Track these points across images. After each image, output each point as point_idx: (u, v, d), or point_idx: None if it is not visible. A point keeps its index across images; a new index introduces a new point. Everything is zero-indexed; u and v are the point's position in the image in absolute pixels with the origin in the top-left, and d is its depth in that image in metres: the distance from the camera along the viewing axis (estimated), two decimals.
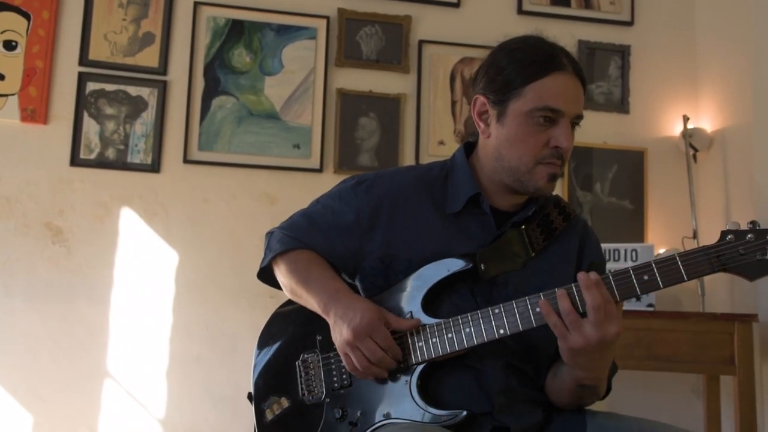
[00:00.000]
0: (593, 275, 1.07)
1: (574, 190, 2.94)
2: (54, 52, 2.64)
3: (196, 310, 2.65)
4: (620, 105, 3.02)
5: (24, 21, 2.60)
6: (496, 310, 1.15)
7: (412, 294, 1.23)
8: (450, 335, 1.17)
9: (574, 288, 1.09)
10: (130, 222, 2.64)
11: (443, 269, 1.22)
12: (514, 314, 1.14)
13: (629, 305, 2.46)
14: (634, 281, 1.08)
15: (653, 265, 1.08)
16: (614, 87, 3.03)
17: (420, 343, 1.19)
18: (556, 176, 1.23)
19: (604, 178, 2.96)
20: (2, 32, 2.57)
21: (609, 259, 2.60)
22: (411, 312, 1.22)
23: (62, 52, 2.65)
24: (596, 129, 2.95)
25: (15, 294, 2.45)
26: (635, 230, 2.94)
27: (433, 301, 1.22)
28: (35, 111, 2.57)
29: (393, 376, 1.21)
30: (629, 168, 2.98)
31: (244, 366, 2.32)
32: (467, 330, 1.16)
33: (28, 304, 2.46)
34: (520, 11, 2.99)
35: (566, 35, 2.79)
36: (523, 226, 1.26)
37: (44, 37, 2.61)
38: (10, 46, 2.58)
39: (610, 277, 1.09)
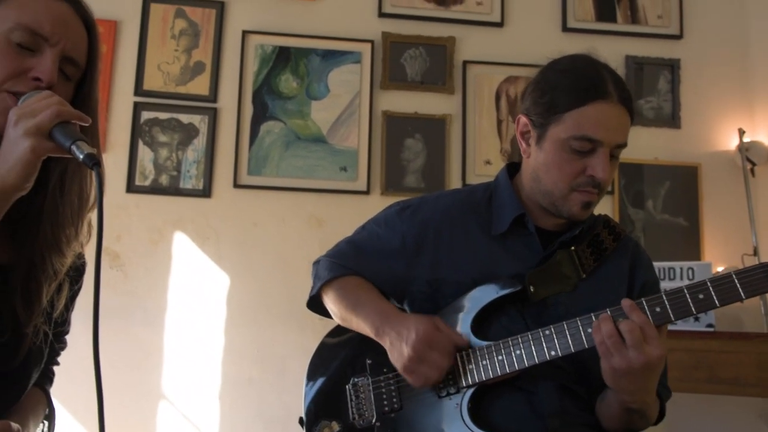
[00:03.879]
0: (626, 301, 1.07)
1: (626, 208, 2.88)
2: (111, 83, 2.74)
3: (247, 332, 2.68)
4: (671, 120, 2.96)
5: None
6: (547, 332, 1.13)
7: (461, 317, 1.22)
8: (500, 357, 1.16)
9: (616, 311, 1.08)
10: (182, 246, 2.70)
11: (492, 291, 1.21)
12: (565, 336, 1.12)
13: (687, 326, 2.38)
14: (689, 300, 1.06)
15: (708, 283, 1.05)
16: (664, 102, 2.97)
17: (470, 366, 1.18)
18: (591, 204, 1.22)
19: (656, 195, 2.89)
20: None
21: (664, 278, 2.53)
22: (463, 337, 1.21)
23: (119, 83, 2.75)
24: (647, 145, 2.89)
25: (75, 317, 2.53)
26: (691, 248, 2.85)
27: (482, 324, 1.22)
28: None
29: (443, 398, 1.20)
30: (682, 184, 2.90)
31: (294, 387, 2.33)
32: (518, 352, 1.15)
33: (88, 327, 2.52)
34: (565, 28, 2.97)
35: (613, 51, 2.76)
36: (573, 247, 1.25)
37: (102, 70, 2.71)
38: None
39: (664, 297, 1.07)
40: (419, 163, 2.84)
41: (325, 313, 1.40)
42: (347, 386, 1.29)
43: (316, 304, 1.40)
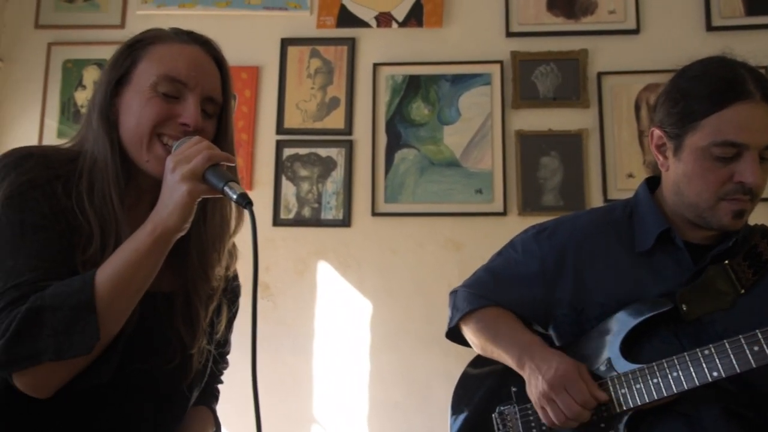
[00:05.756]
0: None
1: None
2: (255, 124, 2.93)
3: (391, 357, 2.72)
4: None
5: (231, 101, 2.93)
6: (706, 352, 1.05)
7: (609, 339, 1.17)
8: (656, 380, 1.09)
9: None
10: (326, 275, 2.81)
11: (641, 312, 1.15)
12: (728, 355, 1.03)
13: None
14: None
15: None
16: None
17: (623, 390, 1.12)
18: (744, 212, 1.12)
19: None
20: None
21: None
22: (609, 358, 1.16)
23: (262, 124, 2.94)
24: None
25: (235, 346, 2.70)
26: None
27: (632, 346, 1.15)
28: (242, 179, 2.86)
29: (596, 426, 1.14)
30: None
31: (439, 412, 2.32)
32: (675, 374, 1.08)
33: (243, 355, 2.68)
34: (710, 28, 2.78)
35: (766, 48, 2.55)
36: (727, 261, 1.15)
37: (247, 113, 2.92)
38: None
39: None
40: (556, 180, 2.76)
41: (463, 343, 1.39)
42: (493, 415, 1.27)
43: (454, 335, 1.40)
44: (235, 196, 0.97)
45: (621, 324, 1.16)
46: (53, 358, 0.89)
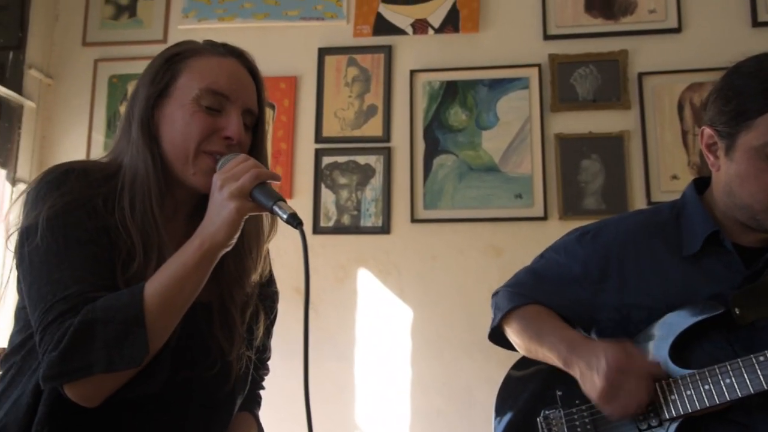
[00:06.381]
0: None
1: None
2: (295, 134, 2.96)
3: (432, 364, 2.71)
4: None
5: (270, 111, 2.97)
6: (761, 358, 1.02)
7: (657, 344, 1.14)
8: (707, 387, 1.06)
9: None
10: (366, 282, 2.81)
11: (690, 316, 1.12)
12: None
13: None
14: None
15: None
16: None
17: (673, 396, 1.09)
18: None
19: None
20: None
21: None
22: (658, 363, 1.13)
23: (301, 133, 2.97)
24: None
25: (275, 354, 2.73)
26: None
27: (682, 351, 1.12)
28: (282, 188, 2.90)
29: (644, 431, 1.12)
30: None
31: (482, 419, 2.31)
32: (727, 381, 1.04)
33: (286, 362, 2.71)
34: (756, 23, 2.70)
35: None
36: None
37: (286, 122, 2.95)
38: None
39: None
40: (598, 183, 2.72)
41: (506, 345, 1.37)
42: (538, 419, 1.25)
43: (497, 337, 1.38)
44: (285, 216, 0.98)
45: (670, 328, 1.13)
46: (104, 370, 0.91)
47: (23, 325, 1.06)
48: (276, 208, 0.99)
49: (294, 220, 0.97)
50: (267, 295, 1.27)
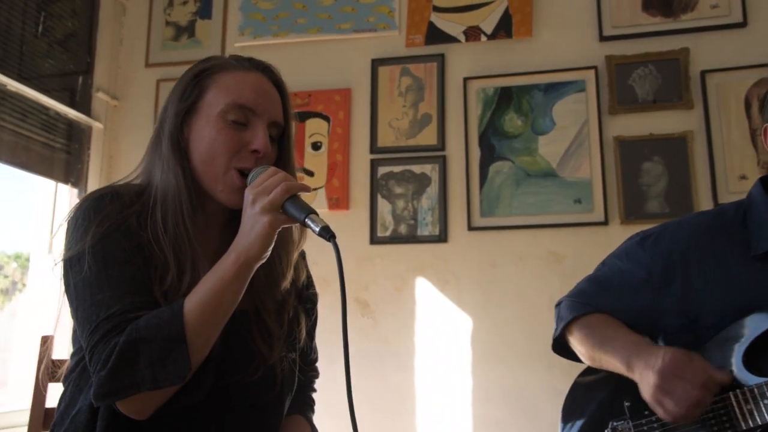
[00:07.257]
0: None
1: None
2: (350, 145, 2.99)
3: (493, 373, 2.68)
4: None
5: (325, 123, 3.01)
6: None
7: (729, 349, 1.10)
8: None
9: None
10: (424, 291, 2.81)
11: (766, 320, 1.07)
12: None
13: None
14: None
15: None
16: None
17: (748, 406, 1.05)
18: None
19: None
20: (310, 136, 3.01)
21: None
22: (731, 371, 1.08)
23: (356, 144, 2.99)
24: None
25: (336, 363, 2.75)
26: None
27: (757, 358, 1.07)
28: (339, 199, 2.93)
29: None
30: None
31: (544, 430, 2.26)
32: None
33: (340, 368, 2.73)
34: None
35: None
36: None
37: (341, 134, 2.98)
38: (316, 146, 3.00)
39: None
40: (661, 186, 2.64)
41: (570, 356, 1.35)
42: (606, 431, 1.22)
43: (561, 347, 1.36)
44: (317, 229, 1.01)
45: (744, 332, 1.08)
46: (151, 387, 0.95)
47: (78, 347, 1.12)
48: (308, 221, 1.01)
49: (326, 233, 0.99)
50: (306, 297, 1.30)
